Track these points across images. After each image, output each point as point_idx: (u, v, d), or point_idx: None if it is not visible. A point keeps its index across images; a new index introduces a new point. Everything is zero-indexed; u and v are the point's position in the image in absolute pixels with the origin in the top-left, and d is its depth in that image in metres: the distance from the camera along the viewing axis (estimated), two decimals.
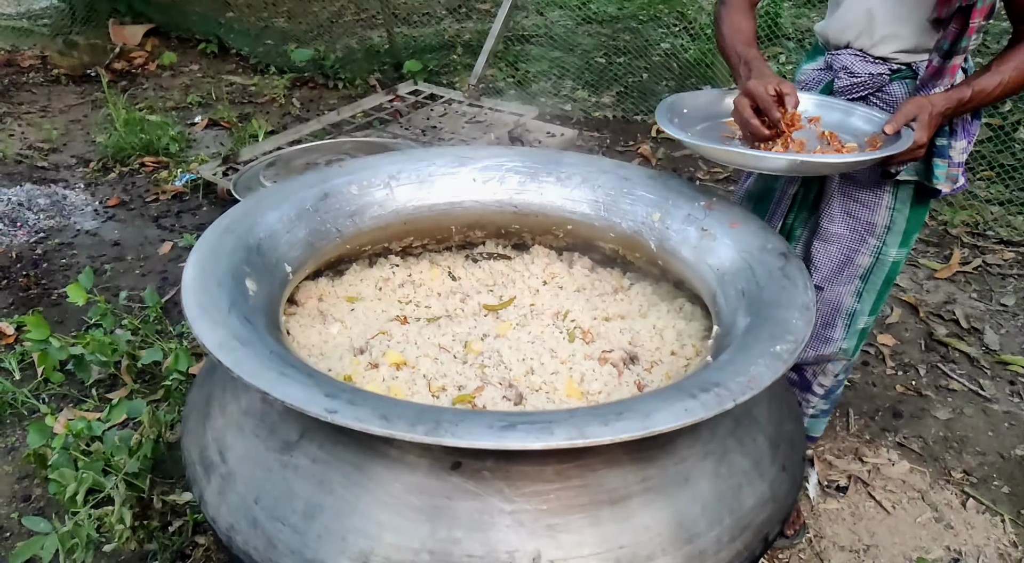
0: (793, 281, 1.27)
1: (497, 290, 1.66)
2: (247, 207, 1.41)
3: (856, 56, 1.65)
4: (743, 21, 1.68)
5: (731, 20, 1.67)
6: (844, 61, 1.66)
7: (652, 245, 1.57)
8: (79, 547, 1.81)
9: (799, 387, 2.00)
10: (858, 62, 1.64)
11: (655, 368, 1.43)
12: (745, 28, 1.66)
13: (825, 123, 1.61)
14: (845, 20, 1.65)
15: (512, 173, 1.65)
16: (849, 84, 1.66)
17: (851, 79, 1.65)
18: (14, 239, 3.35)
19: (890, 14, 1.58)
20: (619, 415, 0.95)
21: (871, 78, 1.64)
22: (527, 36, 5.56)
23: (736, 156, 1.43)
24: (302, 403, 0.95)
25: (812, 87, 1.75)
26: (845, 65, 1.66)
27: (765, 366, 1.06)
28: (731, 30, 1.66)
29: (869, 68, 1.63)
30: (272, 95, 4.95)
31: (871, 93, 1.66)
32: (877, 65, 1.63)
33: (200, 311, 1.11)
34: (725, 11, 1.70)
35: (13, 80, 4.98)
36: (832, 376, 1.97)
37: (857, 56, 1.65)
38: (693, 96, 1.66)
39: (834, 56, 1.69)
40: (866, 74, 1.64)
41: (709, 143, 1.45)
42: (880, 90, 1.65)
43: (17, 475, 2.28)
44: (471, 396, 1.34)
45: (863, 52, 1.65)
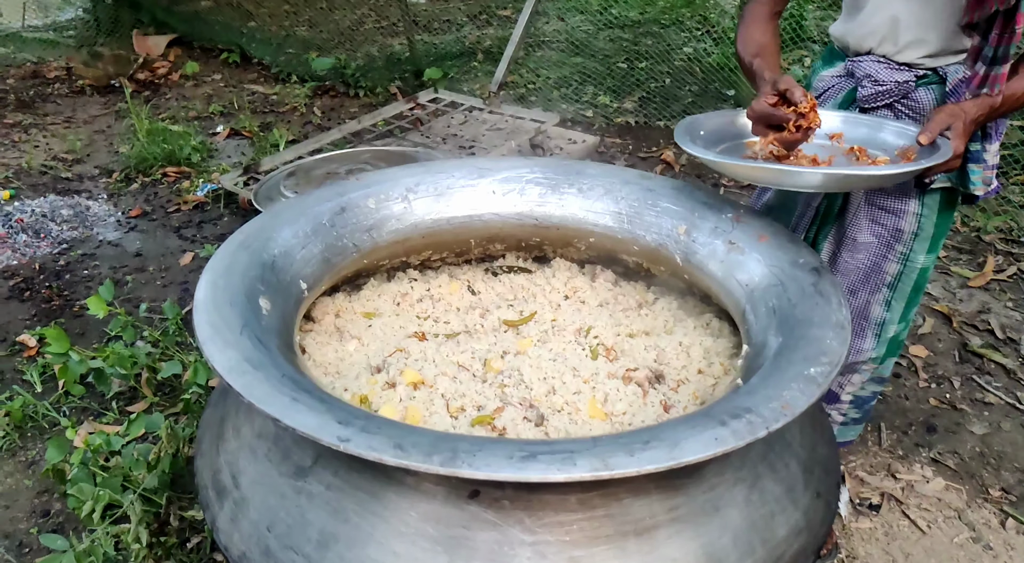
0: (827, 298, 1.21)
1: (517, 305, 1.62)
2: (262, 222, 1.38)
3: (880, 63, 1.59)
4: (755, 33, 1.63)
5: (743, 35, 1.64)
6: (867, 68, 1.60)
7: (678, 259, 1.52)
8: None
9: (826, 399, 1.94)
10: (883, 69, 1.58)
11: (682, 387, 1.38)
12: (757, 39, 1.61)
13: (852, 139, 1.55)
14: (867, 26, 1.59)
15: (532, 185, 1.61)
16: (873, 93, 1.60)
17: (876, 88, 1.59)
18: (37, 250, 3.36)
19: (916, 19, 1.52)
20: (645, 444, 0.90)
21: (897, 86, 1.58)
22: (548, 42, 5.53)
23: (771, 173, 1.36)
24: (314, 431, 0.91)
25: (832, 95, 1.69)
26: (869, 73, 1.60)
27: (799, 390, 1.00)
28: (742, 45, 1.62)
29: (895, 75, 1.57)
30: (293, 104, 4.95)
31: (896, 100, 1.61)
32: (902, 72, 1.57)
33: (211, 332, 1.08)
34: (741, 26, 1.67)
35: (39, 91, 5.03)
36: (859, 384, 1.92)
37: (881, 63, 1.59)
38: (709, 117, 1.60)
39: (855, 63, 1.63)
40: (892, 82, 1.58)
41: (740, 160, 1.39)
42: (906, 97, 1.59)
43: (37, 489, 2.27)
44: (491, 417, 1.29)
45: (887, 58, 1.59)
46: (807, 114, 1.40)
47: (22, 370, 2.69)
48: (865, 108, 1.63)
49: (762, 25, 1.64)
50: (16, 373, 2.70)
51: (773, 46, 1.62)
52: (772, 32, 1.64)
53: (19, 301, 3.08)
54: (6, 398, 2.55)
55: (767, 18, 1.66)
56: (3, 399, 2.54)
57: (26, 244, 3.36)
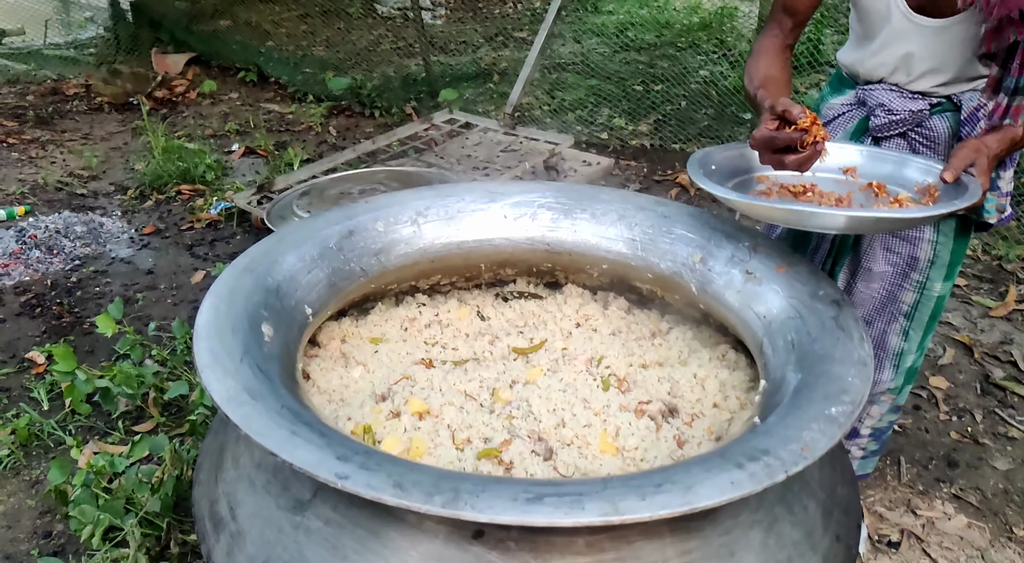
0: (848, 333, 1.17)
1: (528, 332, 1.58)
2: (268, 246, 1.35)
3: (892, 91, 1.56)
4: (762, 65, 1.59)
5: (749, 68, 1.59)
6: (879, 97, 1.57)
7: (693, 288, 1.48)
8: None
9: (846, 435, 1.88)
10: (896, 98, 1.55)
11: (696, 422, 1.33)
12: (763, 71, 1.56)
13: (875, 175, 1.49)
14: (879, 58, 1.55)
15: (544, 209, 1.57)
16: (886, 122, 1.56)
17: (889, 117, 1.56)
18: (50, 266, 3.36)
19: (929, 52, 1.48)
20: (658, 487, 0.86)
21: (911, 115, 1.54)
22: (564, 64, 5.53)
23: (791, 214, 1.27)
24: (311, 467, 0.87)
25: (842, 125, 1.66)
26: (881, 102, 1.56)
27: (819, 431, 0.96)
28: (748, 78, 1.57)
29: (908, 104, 1.54)
30: (309, 123, 4.96)
31: (910, 128, 1.57)
32: (916, 100, 1.54)
33: (211, 359, 1.05)
34: (750, 60, 1.62)
35: (57, 108, 5.07)
36: (878, 416, 1.87)
37: (893, 91, 1.56)
38: (721, 150, 1.53)
39: (867, 92, 1.60)
40: (905, 111, 1.54)
41: (764, 202, 1.32)
42: (920, 125, 1.56)
43: (40, 509, 2.24)
44: (497, 450, 1.25)
45: (899, 87, 1.55)
46: (809, 129, 1.35)
47: (30, 387, 2.68)
48: (878, 137, 1.60)
49: (770, 58, 1.60)
50: (24, 390, 2.68)
51: (781, 77, 1.57)
52: (781, 65, 1.59)
53: (30, 317, 3.07)
54: (12, 415, 2.53)
55: (777, 50, 1.62)
56: (9, 417, 2.53)
57: (39, 260, 3.36)
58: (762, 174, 1.49)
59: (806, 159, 1.35)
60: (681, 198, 4.07)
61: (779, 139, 1.34)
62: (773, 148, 1.36)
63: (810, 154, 1.35)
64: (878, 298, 1.71)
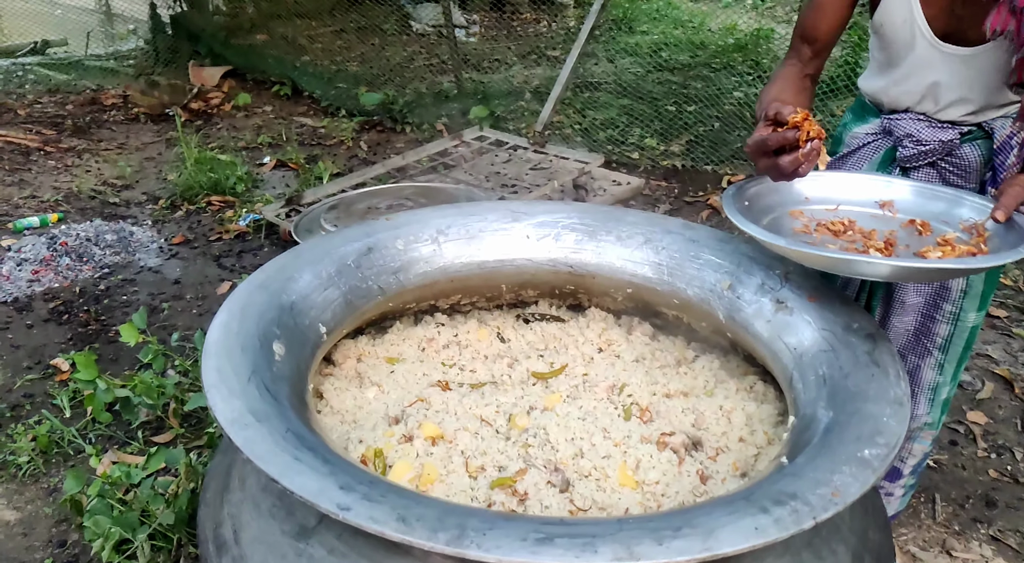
0: (884, 369, 1.11)
1: (548, 356, 1.53)
2: (284, 262, 1.33)
3: (920, 121, 1.50)
4: (774, 90, 1.53)
5: (762, 94, 1.53)
6: (907, 127, 1.51)
7: (720, 315, 1.42)
8: None
9: (886, 477, 1.81)
10: (924, 128, 1.49)
11: (721, 456, 1.28)
12: (774, 95, 1.50)
13: (924, 212, 1.41)
14: (904, 87, 1.50)
15: (568, 230, 1.53)
16: (915, 153, 1.50)
17: (918, 148, 1.50)
18: (79, 274, 3.39)
19: (957, 81, 1.42)
20: (676, 531, 0.81)
21: (941, 145, 1.48)
22: (596, 83, 5.51)
23: (839, 262, 1.17)
24: (313, 496, 0.84)
25: (868, 156, 1.60)
26: (909, 132, 1.51)
27: (851, 475, 0.90)
28: (759, 104, 1.51)
29: (938, 134, 1.48)
30: (340, 137, 4.98)
31: (940, 158, 1.51)
32: (946, 130, 1.48)
33: (217, 378, 1.02)
34: (764, 87, 1.56)
35: (95, 117, 5.15)
36: (920, 454, 1.80)
37: (921, 121, 1.50)
38: (751, 184, 1.45)
39: (893, 122, 1.54)
40: (935, 141, 1.48)
41: (813, 249, 1.21)
42: (950, 154, 1.50)
43: (56, 518, 2.24)
44: (512, 480, 1.21)
45: (927, 116, 1.49)
46: (801, 125, 1.28)
47: (53, 394, 2.68)
48: (906, 167, 1.55)
49: (783, 83, 1.54)
50: (47, 397, 2.69)
51: (793, 102, 1.49)
52: (794, 90, 1.53)
53: (57, 324, 3.09)
54: (34, 422, 2.53)
55: (793, 78, 1.56)
56: (31, 423, 2.53)
57: (69, 267, 3.39)
58: (795, 209, 1.43)
59: (801, 159, 1.28)
60: (712, 220, 4.01)
61: (771, 140, 1.28)
62: (766, 151, 1.30)
63: (805, 153, 1.27)
64: (911, 331, 1.65)
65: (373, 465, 1.23)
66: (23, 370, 2.81)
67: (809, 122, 1.27)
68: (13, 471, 2.35)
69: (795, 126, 1.26)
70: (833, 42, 1.57)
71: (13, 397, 2.68)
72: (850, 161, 1.64)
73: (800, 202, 1.44)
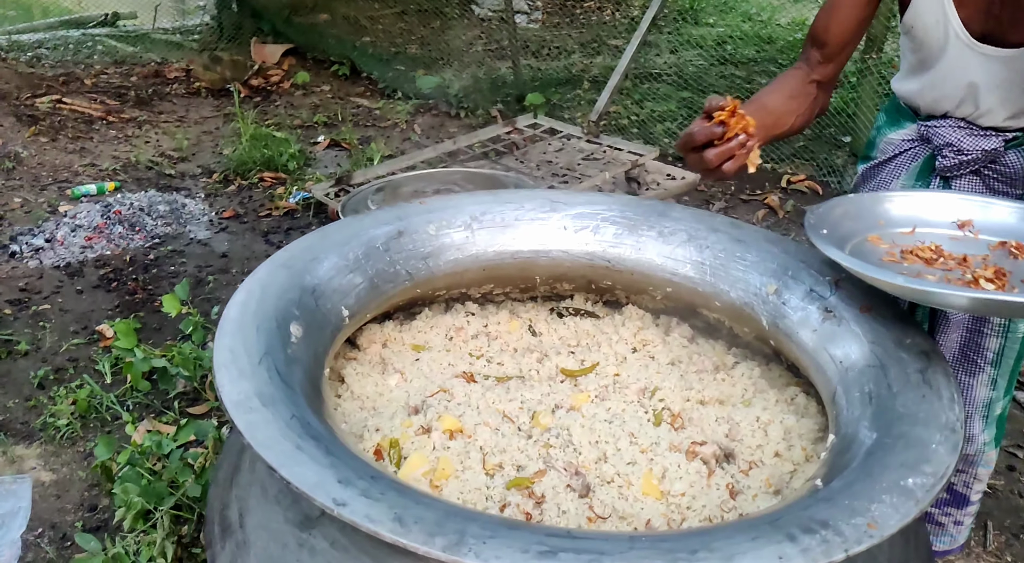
0: (936, 391, 1.02)
1: (580, 353, 1.47)
2: (311, 242, 1.29)
3: (960, 128, 1.40)
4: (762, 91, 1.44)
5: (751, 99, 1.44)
6: (947, 136, 1.41)
7: (764, 321, 1.34)
8: None
9: (953, 505, 1.71)
10: (965, 137, 1.39)
11: (753, 471, 1.20)
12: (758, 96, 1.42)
13: (1020, 232, 1.29)
14: (940, 90, 1.40)
15: (608, 223, 1.47)
16: (956, 163, 1.41)
17: (959, 158, 1.40)
18: (131, 243, 3.44)
19: (996, 82, 1.32)
20: (692, 554, 0.75)
21: (984, 155, 1.38)
22: (656, 74, 5.38)
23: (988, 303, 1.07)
24: (309, 488, 0.80)
25: (905, 164, 1.50)
26: (949, 141, 1.41)
27: (892, 506, 0.82)
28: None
29: (980, 144, 1.38)
30: (395, 120, 4.98)
31: (983, 166, 1.41)
32: (989, 138, 1.38)
33: (229, 358, 0.99)
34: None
35: (157, 90, 5.24)
36: (985, 479, 1.70)
37: (961, 128, 1.40)
38: (827, 209, 1.33)
39: (932, 129, 1.44)
40: (977, 151, 1.39)
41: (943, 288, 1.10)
42: (994, 161, 1.40)
43: (89, 482, 2.27)
44: (530, 481, 1.15)
45: (968, 122, 1.39)
46: (727, 120, 1.20)
47: (96, 360, 2.73)
48: (947, 176, 1.45)
49: (777, 85, 1.45)
50: (90, 362, 2.74)
51: (775, 106, 1.41)
52: (785, 95, 1.43)
53: (105, 291, 3.15)
54: (76, 386, 2.58)
55: (791, 82, 1.46)
56: (73, 387, 2.57)
57: (121, 236, 3.45)
58: (874, 235, 1.31)
59: (725, 154, 1.21)
60: (768, 220, 3.88)
61: (697, 134, 1.21)
62: (694, 145, 1.22)
63: (729, 148, 1.20)
64: (958, 347, 1.55)
65: (388, 456, 1.19)
66: (70, 334, 2.87)
67: (737, 116, 1.20)
68: (52, 433, 2.39)
69: (721, 122, 1.20)
70: (846, 46, 1.46)
71: (58, 360, 2.74)
72: (886, 169, 1.54)
73: (875, 227, 1.33)
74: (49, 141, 4.38)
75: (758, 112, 1.31)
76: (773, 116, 1.38)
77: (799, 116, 1.44)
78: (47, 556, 2.01)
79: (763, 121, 1.31)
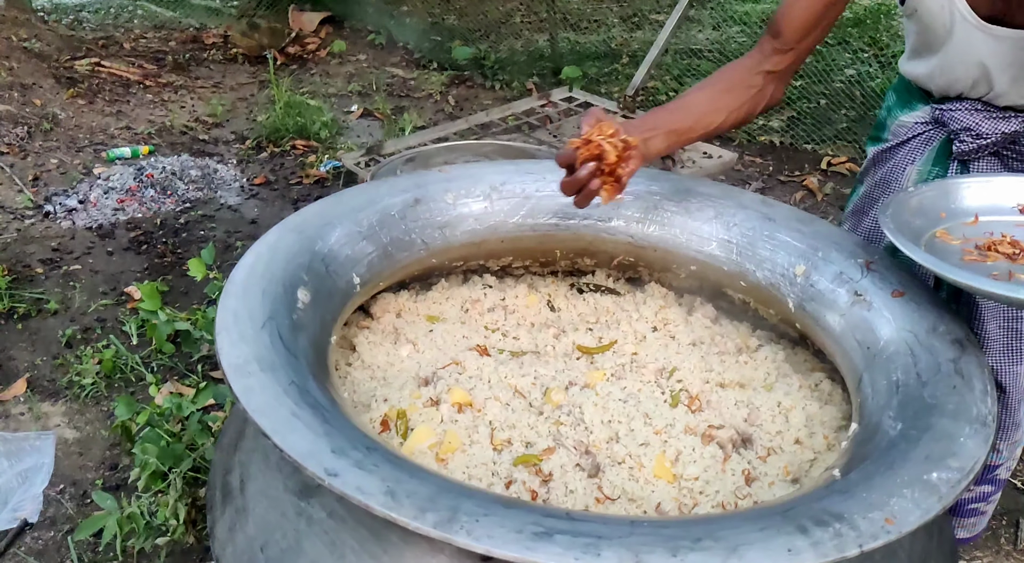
0: (968, 382, 0.96)
1: (598, 330, 1.43)
2: (324, 207, 1.27)
3: (977, 111, 1.32)
4: (698, 85, 1.36)
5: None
6: (964, 120, 1.34)
7: (790, 303, 1.29)
8: (138, 532, 1.76)
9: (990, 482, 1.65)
10: (983, 120, 1.32)
11: (772, 458, 1.16)
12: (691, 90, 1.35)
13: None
14: (951, 73, 1.32)
15: (632, 197, 1.42)
16: (975, 147, 1.34)
17: (977, 142, 1.33)
18: (162, 206, 3.46)
19: (1008, 61, 1.24)
20: (695, 542, 0.71)
21: (1004, 137, 1.32)
22: (698, 50, 5.25)
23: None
24: (301, 457, 0.78)
25: (919, 148, 1.43)
26: (967, 125, 1.34)
27: (912, 501, 0.78)
28: None
29: (1000, 126, 1.31)
30: (429, 90, 4.93)
31: (1003, 146, 1.35)
32: (1008, 120, 1.30)
33: (231, 320, 0.97)
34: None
35: (195, 55, 5.25)
36: None
37: (978, 111, 1.32)
38: (891, 207, 1.20)
39: (947, 113, 1.36)
40: (996, 134, 1.31)
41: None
42: (1014, 142, 1.34)
43: (111, 441, 2.29)
44: (538, 458, 1.12)
45: (984, 104, 1.32)
46: (581, 146, 1.11)
47: (123, 321, 2.75)
48: (964, 160, 1.38)
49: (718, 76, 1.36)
50: (117, 323, 2.76)
51: (703, 103, 1.32)
52: (723, 87, 1.34)
53: (135, 253, 3.17)
54: (102, 346, 2.60)
55: (735, 73, 1.37)
56: (100, 347, 2.60)
57: (152, 199, 3.47)
58: (941, 229, 1.23)
59: (572, 185, 1.14)
60: (806, 202, 3.78)
61: (558, 157, 1.15)
62: (563, 164, 1.16)
63: (578, 179, 1.12)
64: (1001, 335, 1.46)
65: (395, 427, 1.16)
66: (99, 295, 2.89)
67: (589, 146, 1.10)
68: (77, 391, 2.42)
69: (576, 146, 1.12)
70: (806, 36, 1.34)
71: (87, 320, 2.77)
72: (900, 153, 1.47)
73: (939, 220, 1.25)
74: (87, 104, 4.41)
75: (674, 114, 1.25)
76: (692, 117, 1.30)
77: (733, 112, 1.34)
78: (67, 512, 2.04)
79: (677, 125, 1.25)
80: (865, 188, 1.57)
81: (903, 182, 1.47)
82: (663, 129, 1.27)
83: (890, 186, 1.49)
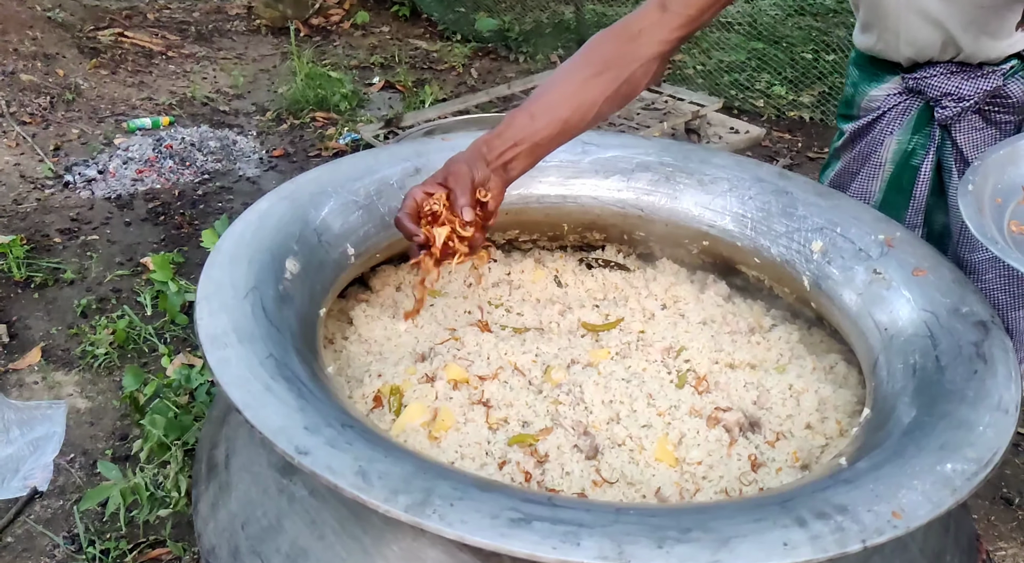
0: (991, 366, 0.90)
1: (605, 307, 1.38)
2: (319, 175, 1.22)
3: (953, 74, 1.27)
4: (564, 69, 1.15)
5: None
6: (942, 85, 1.28)
7: (805, 281, 1.23)
8: (142, 504, 1.75)
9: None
10: (963, 82, 1.26)
11: (780, 443, 1.10)
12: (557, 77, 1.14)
13: None
14: (914, 42, 1.26)
15: (643, 169, 1.36)
16: (958, 111, 1.28)
17: (960, 105, 1.28)
18: (180, 177, 3.45)
19: (969, 19, 1.19)
20: (684, 533, 0.66)
21: (986, 94, 1.26)
22: (728, 23, 5.11)
23: None
24: (271, 433, 0.74)
25: (896, 120, 1.37)
26: (947, 91, 1.28)
27: (923, 493, 0.72)
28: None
29: (980, 85, 1.26)
30: (452, 63, 4.86)
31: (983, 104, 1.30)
32: (987, 77, 1.25)
33: (213, 289, 0.94)
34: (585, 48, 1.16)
35: (218, 26, 5.23)
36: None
37: (954, 73, 1.27)
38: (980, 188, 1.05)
39: (922, 81, 1.30)
40: (979, 93, 1.26)
41: None
42: (995, 96, 1.28)
43: (122, 411, 2.29)
44: (534, 438, 1.08)
45: (959, 64, 1.26)
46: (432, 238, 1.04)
47: (138, 291, 2.75)
48: (947, 125, 1.33)
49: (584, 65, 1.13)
50: (133, 293, 2.76)
51: (573, 102, 1.11)
52: (594, 72, 1.12)
53: (153, 224, 3.17)
54: (117, 316, 2.60)
55: (611, 51, 1.14)
56: (114, 317, 2.60)
57: (171, 170, 3.46)
58: (1013, 221, 1.07)
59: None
60: None
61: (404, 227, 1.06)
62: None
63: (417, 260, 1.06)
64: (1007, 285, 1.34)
65: (388, 403, 1.13)
66: (115, 265, 2.89)
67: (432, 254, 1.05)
68: (90, 361, 2.42)
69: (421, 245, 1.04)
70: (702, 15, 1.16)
71: (102, 290, 2.77)
72: (876, 128, 1.42)
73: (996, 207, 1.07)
74: (109, 74, 4.41)
75: (537, 121, 1.08)
76: (560, 120, 1.11)
77: (609, 100, 1.13)
78: (76, 481, 2.04)
79: (542, 135, 1.09)
80: (842, 164, 1.53)
81: (882, 154, 1.43)
82: (526, 145, 1.10)
83: (869, 159, 1.46)
